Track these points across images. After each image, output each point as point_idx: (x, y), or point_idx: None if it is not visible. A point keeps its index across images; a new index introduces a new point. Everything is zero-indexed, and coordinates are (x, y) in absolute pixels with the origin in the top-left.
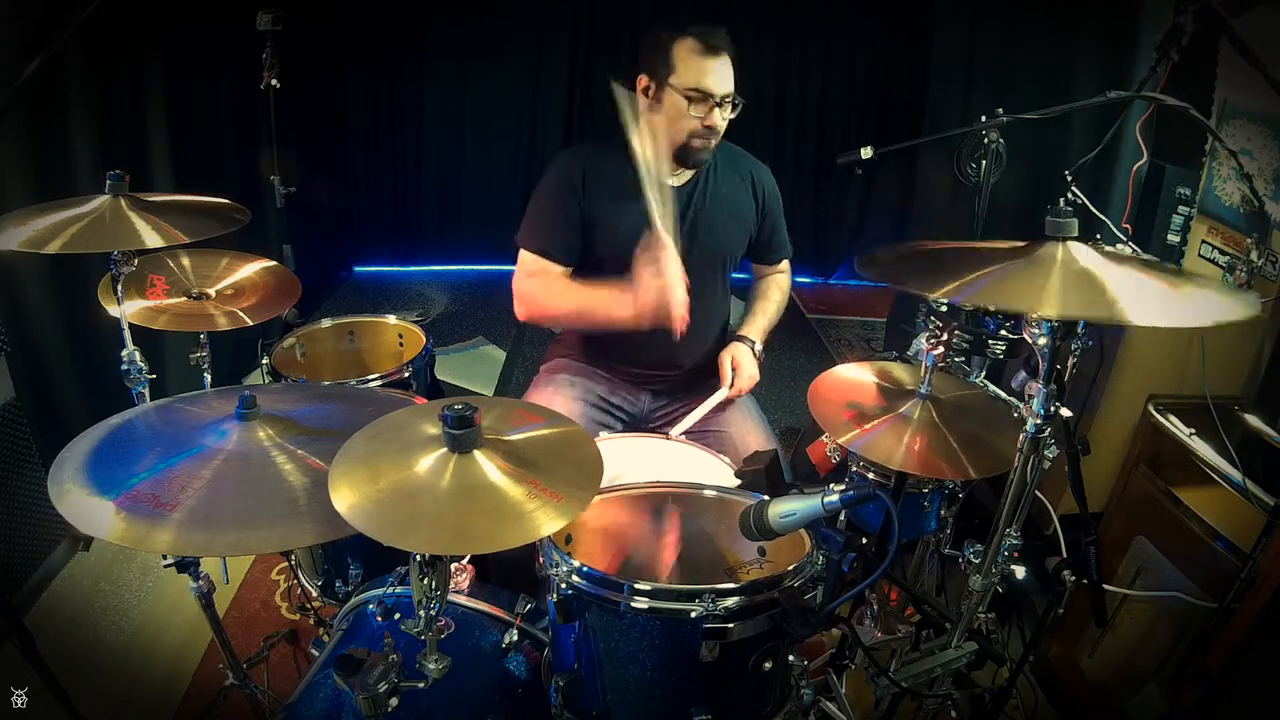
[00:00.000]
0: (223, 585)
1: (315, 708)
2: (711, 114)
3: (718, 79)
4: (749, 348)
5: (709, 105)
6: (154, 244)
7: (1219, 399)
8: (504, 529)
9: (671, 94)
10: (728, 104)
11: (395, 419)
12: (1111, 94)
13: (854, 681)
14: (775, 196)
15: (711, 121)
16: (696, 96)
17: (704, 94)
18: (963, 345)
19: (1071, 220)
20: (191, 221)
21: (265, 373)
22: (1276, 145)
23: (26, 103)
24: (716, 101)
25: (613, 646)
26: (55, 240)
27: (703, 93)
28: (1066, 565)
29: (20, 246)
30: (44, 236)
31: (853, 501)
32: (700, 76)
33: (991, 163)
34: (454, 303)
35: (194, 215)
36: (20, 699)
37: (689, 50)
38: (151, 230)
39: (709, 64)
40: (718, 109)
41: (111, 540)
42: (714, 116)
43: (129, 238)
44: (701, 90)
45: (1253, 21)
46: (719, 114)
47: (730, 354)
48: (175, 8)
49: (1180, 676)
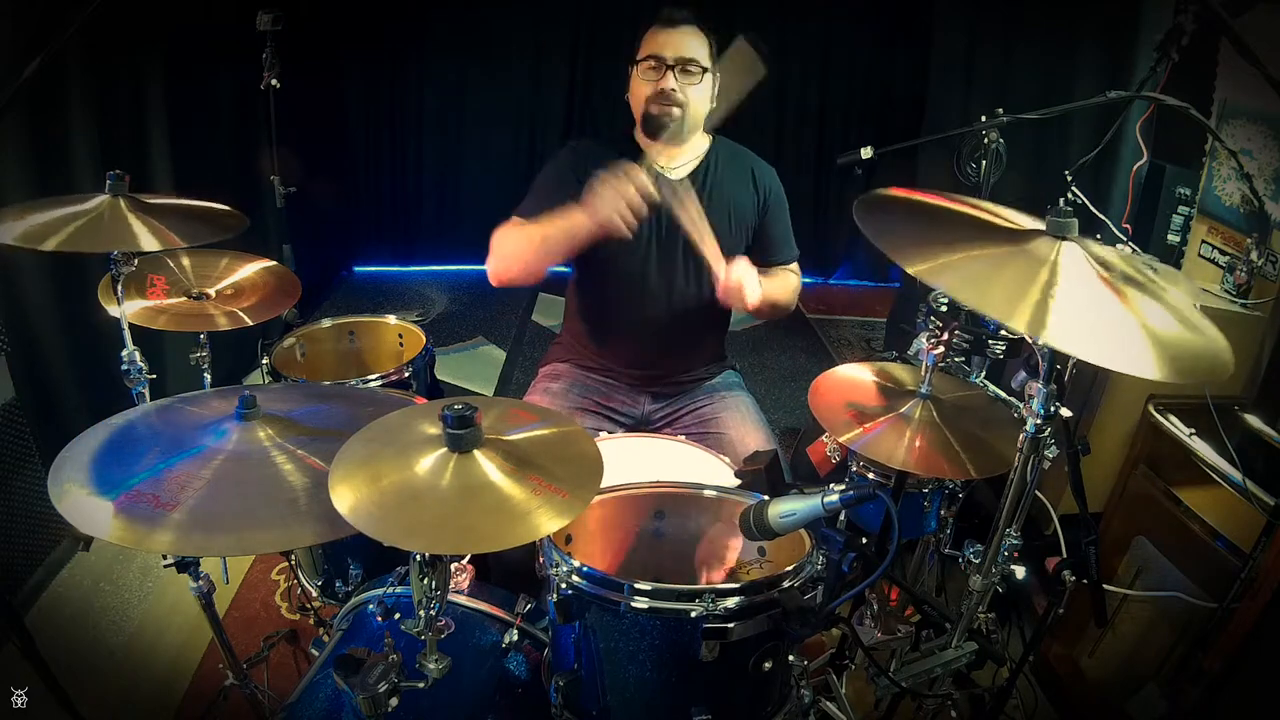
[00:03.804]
0: (223, 585)
1: (315, 708)
2: (665, 77)
3: (669, 44)
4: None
5: (661, 69)
6: (150, 247)
7: (1219, 399)
8: (505, 528)
9: (635, 71)
10: (691, 72)
11: (395, 419)
12: (1111, 94)
13: (854, 681)
14: (779, 196)
15: (665, 84)
16: (651, 64)
17: (655, 58)
18: (963, 345)
19: (1071, 220)
20: (189, 226)
21: (265, 373)
22: (1276, 145)
23: (26, 103)
24: (669, 64)
25: (613, 646)
26: (53, 238)
27: (653, 57)
28: (1066, 565)
29: (16, 241)
30: (42, 232)
31: (853, 501)
32: (652, 45)
33: (991, 163)
34: (454, 303)
35: (192, 220)
36: (20, 699)
37: (652, 29)
38: (149, 233)
39: (662, 33)
40: (670, 72)
41: (111, 540)
42: (667, 79)
43: (126, 239)
44: (652, 55)
45: (1253, 21)
46: (671, 77)
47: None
48: (175, 8)
49: (1180, 676)
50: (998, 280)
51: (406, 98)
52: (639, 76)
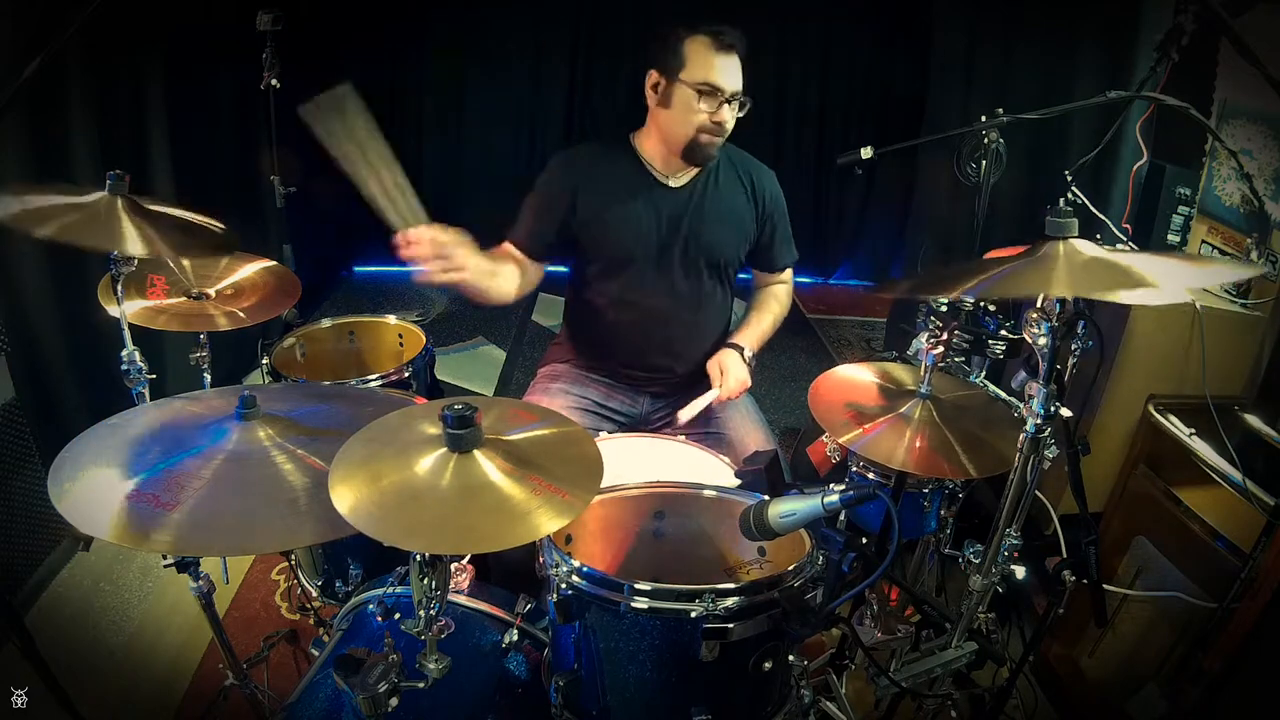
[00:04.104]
0: (223, 585)
1: (315, 708)
2: (720, 110)
3: (728, 75)
4: (738, 354)
5: (718, 100)
6: (136, 252)
7: (1219, 399)
8: (506, 528)
9: (681, 89)
10: (737, 102)
11: (395, 419)
12: (1111, 94)
13: (854, 681)
14: (778, 201)
15: (720, 117)
16: (707, 90)
17: (714, 88)
18: (963, 345)
19: (1071, 220)
20: (181, 238)
21: (265, 373)
22: (1276, 145)
23: (26, 102)
24: (726, 98)
25: (613, 646)
26: (48, 224)
27: (713, 87)
28: (1066, 565)
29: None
30: (36, 218)
31: (853, 501)
32: (710, 71)
33: (991, 163)
34: (454, 303)
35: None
36: (20, 699)
37: (702, 46)
38: (138, 239)
39: (720, 60)
40: (726, 105)
41: (111, 540)
42: (723, 112)
43: (116, 239)
44: (711, 85)
45: (1253, 21)
46: (727, 110)
47: (719, 360)
48: (175, 8)
49: (1180, 676)
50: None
51: (406, 98)
52: (688, 100)
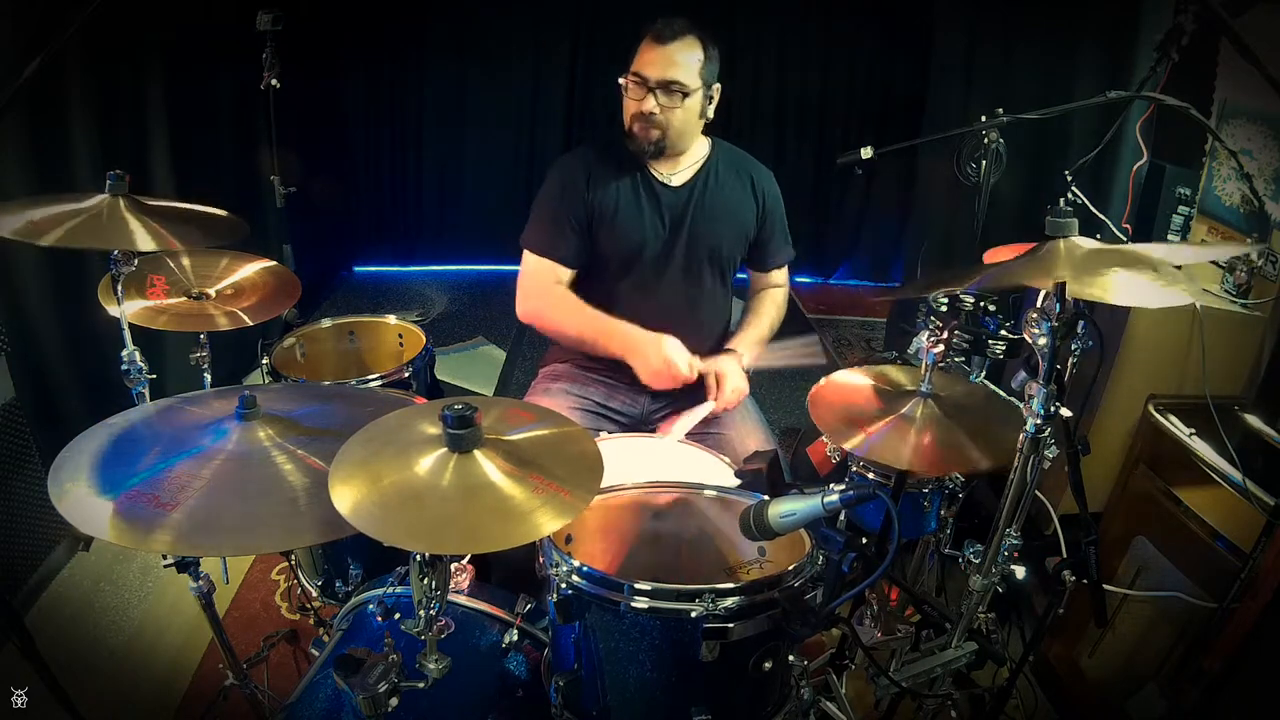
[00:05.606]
0: (223, 585)
1: (315, 708)
2: (645, 99)
3: (653, 65)
4: (735, 360)
5: (643, 90)
6: (147, 247)
7: (1219, 399)
8: (506, 528)
9: (626, 83)
10: (673, 93)
11: (395, 419)
12: (1111, 94)
13: (854, 681)
14: (776, 200)
15: (645, 106)
16: (636, 80)
17: (641, 78)
18: (963, 345)
19: (1072, 220)
20: (188, 229)
21: (265, 373)
22: (1276, 145)
23: (26, 103)
24: (651, 86)
25: (613, 646)
26: (51, 233)
27: (640, 77)
28: (1066, 565)
29: (14, 235)
30: (40, 228)
31: (853, 501)
32: (640, 62)
33: (991, 163)
34: (454, 303)
35: (191, 223)
36: (20, 699)
37: (646, 40)
38: (146, 234)
39: (651, 51)
40: (651, 94)
41: (111, 540)
42: (647, 101)
43: (124, 238)
44: (638, 74)
45: (1253, 21)
46: (652, 99)
47: (715, 367)
48: (175, 8)
49: (1180, 676)
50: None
51: (406, 98)
52: (626, 91)
